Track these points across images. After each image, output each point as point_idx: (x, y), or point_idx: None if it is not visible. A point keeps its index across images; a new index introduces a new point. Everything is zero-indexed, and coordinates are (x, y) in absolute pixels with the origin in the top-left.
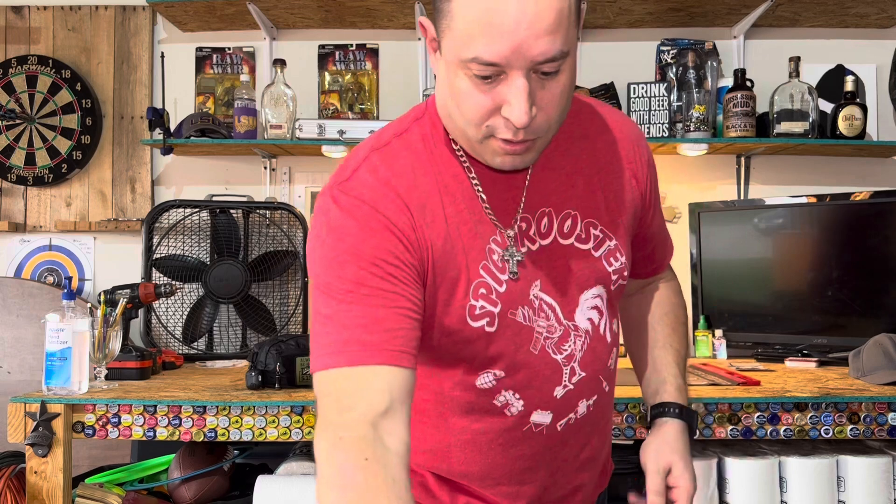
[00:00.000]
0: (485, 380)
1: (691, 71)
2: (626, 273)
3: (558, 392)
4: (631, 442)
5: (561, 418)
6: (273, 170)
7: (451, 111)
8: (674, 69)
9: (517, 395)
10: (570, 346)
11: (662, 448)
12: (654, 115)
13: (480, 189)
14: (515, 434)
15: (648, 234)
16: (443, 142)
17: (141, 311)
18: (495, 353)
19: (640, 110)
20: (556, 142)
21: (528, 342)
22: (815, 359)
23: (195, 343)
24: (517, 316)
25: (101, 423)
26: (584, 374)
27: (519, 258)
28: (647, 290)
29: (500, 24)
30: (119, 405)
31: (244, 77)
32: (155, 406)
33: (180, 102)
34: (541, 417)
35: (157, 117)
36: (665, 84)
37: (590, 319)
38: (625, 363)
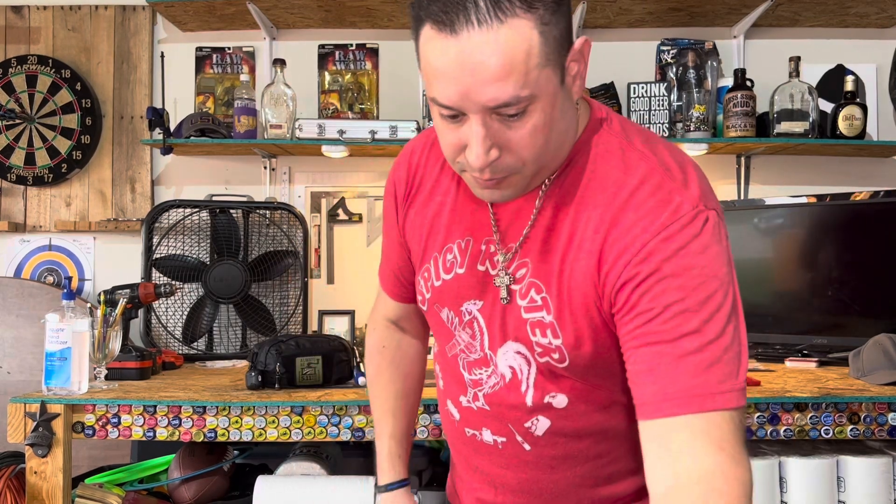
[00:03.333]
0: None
1: (691, 71)
2: (558, 357)
3: (463, 400)
4: None
5: (466, 425)
6: (273, 170)
7: None
8: (674, 69)
9: (441, 374)
10: (481, 374)
11: None
12: (654, 115)
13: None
14: (444, 404)
15: (626, 355)
16: None
17: (141, 311)
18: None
19: (640, 110)
20: (583, 181)
21: (447, 341)
22: (815, 359)
23: (195, 343)
24: (441, 313)
25: (101, 423)
26: (487, 408)
27: (507, 282)
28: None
29: (445, 72)
30: (119, 405)
31: (244, 77)
32: (155, 406)
33: (180, 102)
34: (451, 409)
35: (157, 117)
36: (665, 84)
37: (511, 367)
38: None
